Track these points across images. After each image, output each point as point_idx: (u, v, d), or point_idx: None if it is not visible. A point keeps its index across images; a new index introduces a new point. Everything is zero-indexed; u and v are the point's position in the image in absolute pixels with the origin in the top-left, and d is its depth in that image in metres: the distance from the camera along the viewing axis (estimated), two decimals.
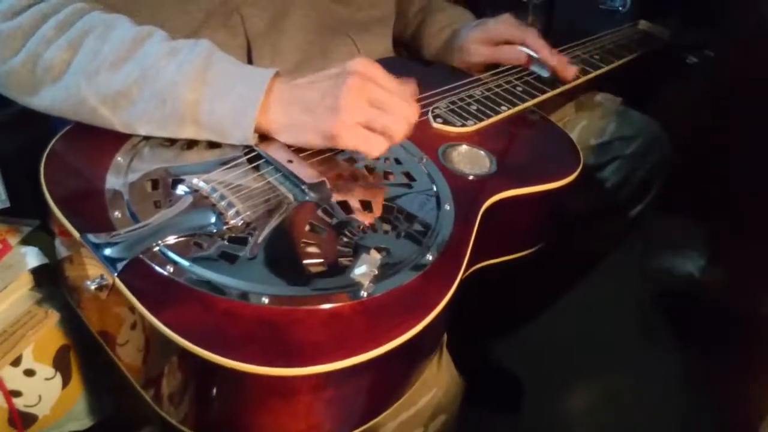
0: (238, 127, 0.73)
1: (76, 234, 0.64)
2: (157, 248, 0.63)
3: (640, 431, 1.11)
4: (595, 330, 1.20)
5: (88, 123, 0.76)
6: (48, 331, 0.85)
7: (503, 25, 1.03)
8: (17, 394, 0.84)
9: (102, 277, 0.63)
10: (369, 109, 0.72)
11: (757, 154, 1.01)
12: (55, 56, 0.73)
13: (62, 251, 0.72)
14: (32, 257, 0.86)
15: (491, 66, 1.04)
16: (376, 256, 0.66)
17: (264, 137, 0.77)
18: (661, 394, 1.11)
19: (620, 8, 1.25)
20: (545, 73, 1.01)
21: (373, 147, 0.73)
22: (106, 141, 0.75)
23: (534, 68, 1.02)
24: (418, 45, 1.15)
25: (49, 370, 0.86)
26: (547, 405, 1.17)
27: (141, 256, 0.62)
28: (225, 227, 0.67)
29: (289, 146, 0.77)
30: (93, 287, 0.63)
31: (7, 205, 0.91)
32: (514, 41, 1.02)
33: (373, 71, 0.73)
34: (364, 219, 0.72)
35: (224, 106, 0.73)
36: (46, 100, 0.75)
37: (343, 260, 0.67)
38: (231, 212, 0.68)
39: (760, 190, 1.02)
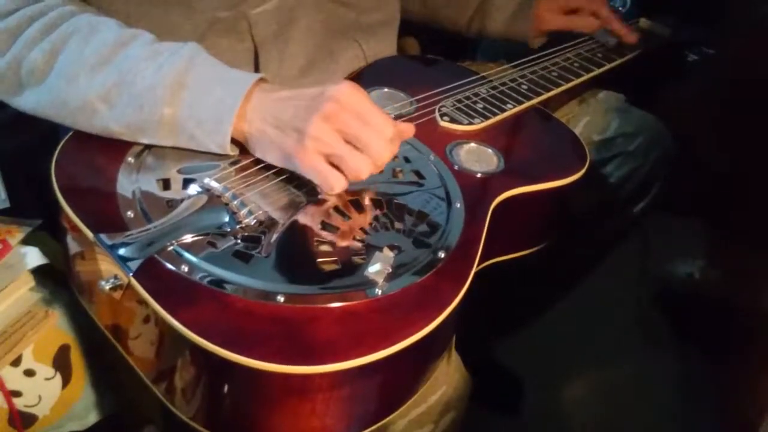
0: (216, 134, 0.71)
1: (89, 234, 0.64)
2: (171, 248, 0.63)
3: (642, 430, 1.11)
4: (595, 329, 1.21)
5: (71, 126, 0.74)
6: (48, 331, 0.85)
7: None
8: (17, 394, 0.84)
9: (116, 277, 0.62)
10: (337, 143, 0.68)
11: (758, 153, 1.02)
12: (38, 58, 0.72)
13: (73, 249, 0.72)
14: (32, 257, 0.85)
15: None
16: (389, 254, 0.67)
17: None
18: (662, 394, 1.12)
19: (620, 8, 1.26)
20: (611, 42, 1.11)
21: (329, 183, 0.69)
22: (115, 141, 0.74)
23: (599, 37, 1.11)
24: (481, 19, 1.14)
25: (49, 370, 0.87)
26: (549, 402, 1.17)
27: (155, 255, 0.62)
28: (238, 226, 0.67)
29: None
30: (107, 287, 0.62)
31: (7, 205, 0.90)
32: (584, 10, 1.11)
33: (355, 101, 0.68)
34: (376, 217, 0.72)
35: (201, 111, 0.71)
36: (30, 101, 0.74)
37: (357, 258, 0.67)
38: (244, 211, 0.68)
39: (761, 189, 1.02)
